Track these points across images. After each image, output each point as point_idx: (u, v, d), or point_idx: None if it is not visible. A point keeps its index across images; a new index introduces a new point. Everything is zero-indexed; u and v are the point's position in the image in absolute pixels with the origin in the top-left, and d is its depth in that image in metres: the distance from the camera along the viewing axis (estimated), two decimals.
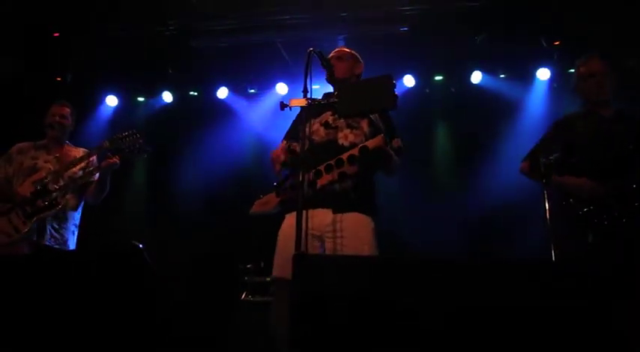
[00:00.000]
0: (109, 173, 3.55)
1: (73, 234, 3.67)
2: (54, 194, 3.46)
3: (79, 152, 3.77)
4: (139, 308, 1.86)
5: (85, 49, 5.71)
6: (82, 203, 3.75)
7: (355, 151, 2.58)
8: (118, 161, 3.45)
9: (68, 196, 3.57)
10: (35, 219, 3.41)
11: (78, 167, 3.63)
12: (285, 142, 2.90)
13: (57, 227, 3.54)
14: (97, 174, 3.55)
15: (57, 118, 3.72)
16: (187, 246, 5.73)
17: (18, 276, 1.97)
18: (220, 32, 5.58)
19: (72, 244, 3.65)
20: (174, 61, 6.02)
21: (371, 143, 2.57)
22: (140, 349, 1.82)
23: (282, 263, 2.62)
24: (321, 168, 2.64)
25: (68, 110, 3.80)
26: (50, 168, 3.57)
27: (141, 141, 3.50)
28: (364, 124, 2.86)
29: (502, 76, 5.80)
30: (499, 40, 5.40)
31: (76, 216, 3.71)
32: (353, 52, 3.10)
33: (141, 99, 6.49)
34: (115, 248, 1.97)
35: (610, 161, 2.91)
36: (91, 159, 3.68)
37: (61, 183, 3.51)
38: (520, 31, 5.25)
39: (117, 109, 6.42)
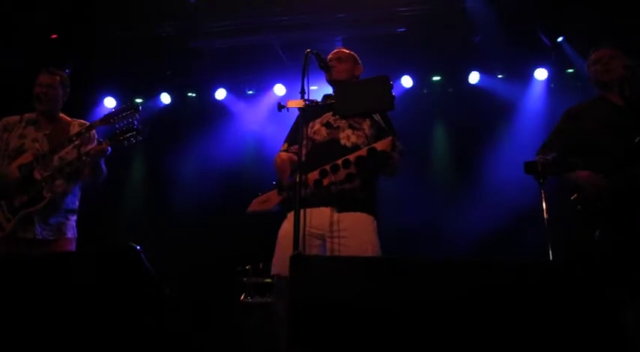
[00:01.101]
0: (99, 159, 3.18)
1: (67, 219, 3.26)
2: (40, 184, 3.09)
3: (75, 127, 3.34)
4: (137, 310, 1.85)
5: (84, 50, 5.71)
6: (78, 186, 3.35)
7: (363, 152, 2.57)
8: (107, 147, 3.10)
9: (58, 182, 3.17)
10: (20, 214, 3.06)
11: (71, 146, 3.18)
12: (286, 153, 2.89)
13: (45, 218, 3.15)
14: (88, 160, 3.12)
15: (43, 89, 3.27)
16: (186, 247, 5.73)
17: (7, 278, 1.96)
18: (218, 33, 5.59)
19: (70, 232, 3.27)
20: (172, 62, 6.03)
21: (379, 145, 2.56)
22: (139, 351, 1.82)
23: (281, 260, 2.64)
24: (327, 167, 2.62)
25: (58, 78, 3.33)
26: (38, 149, 3.18)
27: (137, 120, 3.16)
28: (366, 125, 2.87)
29: (500, 76, 5.82)
30: (497, 40, 5.41)
31: (69, 201, 3.28)
32: (352, 53, 3.10)
33: (139, 100, 6.49)
34: (112, 249, 1.96)
35: (617, 153, 2.87)
36: (87, 135, 3.25)
37: (50, 168, 3.13)
38: (518, 32, 5.27)
39: None
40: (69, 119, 3.43)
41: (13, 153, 3.21)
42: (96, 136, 3.34)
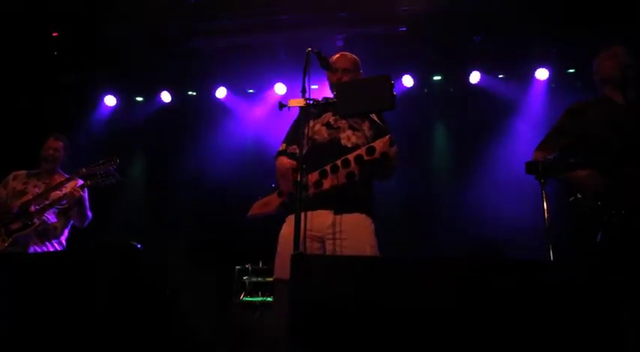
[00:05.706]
0: (77, 201, 3.89)
1: (61, 246, 4.02)
2: (33, 215, 3.85)
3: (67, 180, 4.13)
4: (136, 309, 1.85)
5: (84, 49, 5.71)
6: (69, 225, 4.10)
7: (362, 151, 2.57)
8: (79, 194, 3.86)
9: (48, 213, 3.92)
10: (13, 237, 3.82)
11: (61, 191, 3.96)
12: (288, 159, 2.86)
13: (41, 242, 3.91)
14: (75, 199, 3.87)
15: (50, 151, 4.12)
16: (186, 245, 5.73)
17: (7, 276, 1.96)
18: (219, 32, 5.58)
19: None
20: (173, 60, 6.02)
21: (378, 144, 2.55)
22: (138, 349, 1.82)
23: (283, 264, 2.62)
24: (327, 168, 2.62)
25: (61, 144, 4.17)
26: (37, 192, 3.98)
27: (112, 167, 3.88)
28: (365, 126, 2.88)
29: (500, 76, 5.81)
30: (498, 40, 5.40)
31: (60, 236, 4.06)
32: (356, 59, 3.10)
33: (139, 99, 6.48)
34: (112, 248, 1.96)
35: (620, 151, 2.85)
36: (71, 182, 3.98)
37: (43, 204, 3.87)
38: (519, 32, 5.26)
39: (115, 109, 6.42)
40: (64, 175, 4.16)
41: (17, 194, 4.00)
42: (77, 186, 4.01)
